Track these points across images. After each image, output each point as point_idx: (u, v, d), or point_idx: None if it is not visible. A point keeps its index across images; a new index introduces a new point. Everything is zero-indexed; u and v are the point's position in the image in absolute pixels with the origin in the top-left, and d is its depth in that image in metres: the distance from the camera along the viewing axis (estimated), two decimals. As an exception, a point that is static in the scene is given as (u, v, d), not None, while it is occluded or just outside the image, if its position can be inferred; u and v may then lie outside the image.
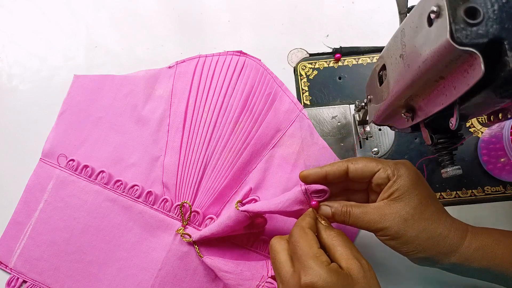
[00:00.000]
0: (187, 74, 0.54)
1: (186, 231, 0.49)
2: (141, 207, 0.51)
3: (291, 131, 0.53)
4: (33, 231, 0.51)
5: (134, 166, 0.52)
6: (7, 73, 0.58)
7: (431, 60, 0.26)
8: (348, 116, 0.55)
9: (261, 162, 0.52)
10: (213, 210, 0.51)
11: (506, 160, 0.48)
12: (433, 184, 0.52)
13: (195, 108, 0.53)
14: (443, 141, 0.35)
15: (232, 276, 0.45)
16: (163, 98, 0.54)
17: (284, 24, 0.59)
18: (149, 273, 0.49)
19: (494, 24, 0.23)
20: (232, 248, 0.49)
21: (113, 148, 0.53)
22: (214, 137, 0.52)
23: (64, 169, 0.52)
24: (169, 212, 0.51)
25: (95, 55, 0.58)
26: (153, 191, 0.51)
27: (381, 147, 0.53)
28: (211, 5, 0.60)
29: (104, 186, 0.51)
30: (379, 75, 0.38)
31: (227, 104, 0.52)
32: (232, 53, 0.55)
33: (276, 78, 0.55)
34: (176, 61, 0.55)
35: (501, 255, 0.37)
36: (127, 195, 0.51)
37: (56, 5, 0.60)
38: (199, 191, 0.51)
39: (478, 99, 0.27)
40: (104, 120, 0.54)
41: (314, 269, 0.33)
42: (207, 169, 0.51)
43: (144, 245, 0.50)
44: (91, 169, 0.52)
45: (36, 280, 0.50)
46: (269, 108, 0.53)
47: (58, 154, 0.53)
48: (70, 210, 0.51)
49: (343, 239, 0.36)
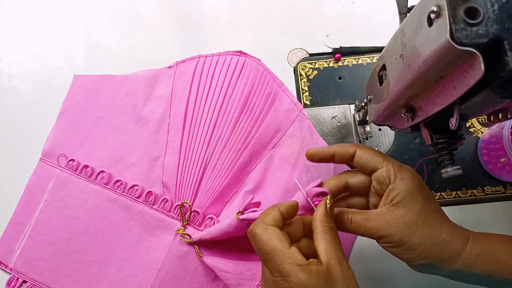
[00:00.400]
0: (187, 74, 0.54)
1: (186, 231, 0.49)
2: (141, 207, 0.51)
3: (291, 131, 0.53)
4: (33, 231, 0.51)
5: (134, 166, 0.52)
6: (7, 73, 0.58)
7: (431, 60, 0.26)
8: (348, 116, 0.55)
9: (261, 162, 0.52)
10: (213, 210, 0.51)
11: (506, 160, 0.48)
12: (433, 184, 0.52)
13: (195, 108, 0.53)
14: (443, 141, 0.35)
15: (232, 276, 0.45)
16: (163, 98, 0.54)
17: (284, 24, 0.59)
18: (149, 273, 0.49)
19: (494, 24, 0.23)
20: (232, 249, 0.49)
21: (113, 148, 0.53)
22: (214, 137, 0.52)
23: (64, 169, 0.52)
24: (169, 212, 0.51)
25: (95, 55, 0.58)
26: (153, 191, 0.51)
27: (381, 147, 0.53)
28: (211, 5, 0.60)
29: (104, 186, 0.51)
30: (379, 75, 0.38)
31: (227, 104, 0.52)
32: (232, 53, 0.55)
33: (276, 78, 0.55)
34: (176, 61, 0.55)
35: (503, 260, 0.36)
36: (127, 195, 0.51)
37: (56, 5, 0.60)
38: (199, 191, 0.51)
39: (478, 99, 0.27)
40: (104, 120, 0.54)
41: (294, 275, 0.31)
42: (207, 169, 0.51)
43: (144, 245, 0.50)
44: (91, 169, 0.52)
45: (36, 280, 0.49)
46: (269, 108, 0.53)
47: (58, 154, 0.53)
48: (70, 210, 0.51)
49: (333, 236, 0.35)
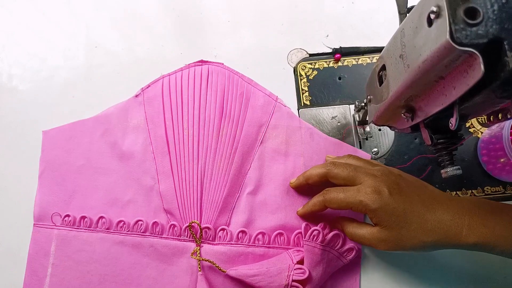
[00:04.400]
0: (156, 98, 0.54)
1: (202, 249, 0.49)
2: (151, 240, 0.50)
3: (273, 123, 0.53)
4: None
5: (131, 203, 0.51)
6: (7, 73, 0.58)
7: (431, 60, 0.26)
8: (348, 116, 0.55)
9: (254, 161, 0.52)
10: (222, 220, 0.50)
11: (506, 160, 0.48)
12: (433, 184, 0.52)
13: (174, 128, 0.52)
14: (443, 141, 0.35)
15: (261, 277, 0.45)
16: (140, 128, 0.53)
17: (284, 24, 0.59)
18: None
19: (493, 24, 0.23)
20: (248, 256, 0.49)
21: (105, 191, 0.52)
22: (201, 151, 0.51)
23: (61, 227, 0.51)
24: (179, 236, 0.50)
25: (95, 55, 0.58)
26: (158, 221, 0.50)
27: (381, 147, 0.53)
28: (211, 5, 0.60)
29: (107, 231, 0.50)
30: (379, 75, 0.38)
31: (204, 115, 0.52)
32: (193, 65, 0.55)
33: (243, 76, 0.55)
34: (141, 88, 0.54)
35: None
36: (133, 233, 0.50)
37: (56, 5, 0.60)
38: (203, 206, 0.50)
39: (478, 99, 0.27)
40: (87, 166, 0.53)
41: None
42: (204, 183, 0.51)
43: (165, 276, 0.49)
44: (89, 219, 0.51)
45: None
46: (245, 107, 0.53)
47: (51, 214, 0.51)
48: (81, 266, 0.49)
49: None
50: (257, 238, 0.49)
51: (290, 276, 0.45)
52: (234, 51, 0.58)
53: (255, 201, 0.51)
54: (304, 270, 0.45)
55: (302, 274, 0.45)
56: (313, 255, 0.46)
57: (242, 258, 0.49)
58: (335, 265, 0.47)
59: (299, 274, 0.45)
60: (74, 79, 0.57)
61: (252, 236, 0.49)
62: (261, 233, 0.50)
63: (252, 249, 0.49)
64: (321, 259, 0.46)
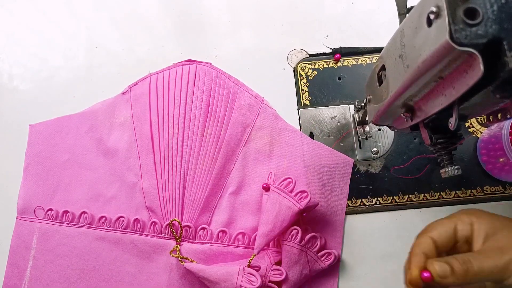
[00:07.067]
0: (143, 96, 0.54)
1: (182, 247, 0.49)
2: (131, 237, 0.50)
3: (258, 124, 0.54)
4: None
5: (114, 199, 0.52)
6: (7, 73, 0.58)
7: (430, 61, 0.26)
8: (347, 116, 0.55)
9: (238, 161, 0.52)
10: (203, 220, 0.51)
11: (505, 160, 0.48)
12: (432, 184, 0.52)
13: (160, 126, 0.52)
14: (443, 141, 0.35)
15: (210, 276, 0.45)
16: (126, 125, 0.53)
17: (284, 24, 0.59)
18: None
19: (493, 24, 0.23)
20: (229, 253, 0.49)
21: (88, 187, 0.52)
22: (185, 149, 0.51)
23: (44, 220, 0.51)
24: (160, 234, 0.50)
25: (95, 55, 0.58)
26: (139, 218, 0.51)
27: (380, 147, 0.54)
28: (211, 5, 0.60)
29: (89, 226, 0.51)
30: (378, 76, 0.38)
31: (189, 114, 0.52)
32: (181, 64, 0.55)
33: (230, 76, 0.55)
34: (129, 85, 0.55)
35: None
36: (114, 229, 0.51)
37: (56, 5, 0.60)
38: (185, 205, 0.51)
39: (477, 99, 0.27)
40: (71, 161, 0.53)
41: None
42: (187, 182, 0.51)
43: (144, 273, 0.50)
44: (71, 214, 0.51)
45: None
46: (231, 107, 0.53)
47: (34, 207, 0.52)
48: (61, 260, 0.50)
49: None
50: (237, 238, 0.50)
51: (268, 276, 0.46)
52: (234, 52, 0.58)
53: (236, 201, 0.51)
54: (282, 271, 0.46)
55: (279, 275, 0.45)
56: (290, 255, 0.46)
57: (222, 258, 0.49)
58: (312, 268, 0.47)
59: (276, 275, 0.46)
60: (75, 79, 0.57)
61: (232, 236, 0.50)
62: (241, 233, 0.50)
63: (231, 249, 0.49)
64: (298, 259, 0.46)
